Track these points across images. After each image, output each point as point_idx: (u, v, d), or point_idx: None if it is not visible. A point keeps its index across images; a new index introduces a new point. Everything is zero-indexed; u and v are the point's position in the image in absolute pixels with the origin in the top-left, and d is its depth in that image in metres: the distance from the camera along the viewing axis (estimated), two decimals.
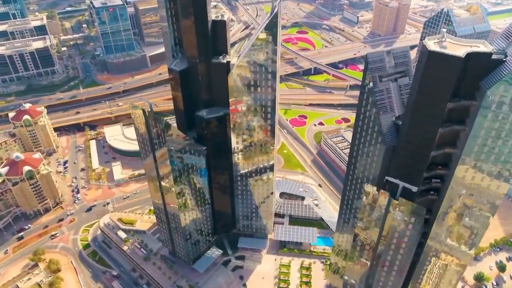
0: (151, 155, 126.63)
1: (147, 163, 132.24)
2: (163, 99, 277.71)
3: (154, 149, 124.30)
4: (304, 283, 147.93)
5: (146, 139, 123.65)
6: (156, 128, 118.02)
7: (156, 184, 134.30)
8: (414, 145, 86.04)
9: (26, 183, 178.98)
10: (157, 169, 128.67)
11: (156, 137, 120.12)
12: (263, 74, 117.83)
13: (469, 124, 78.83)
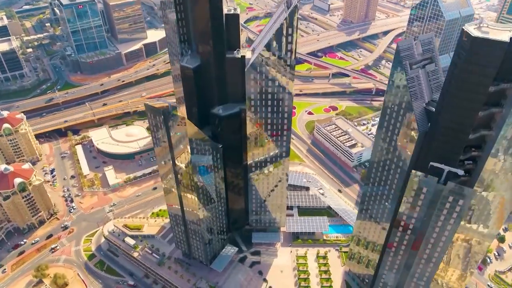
0: (169, 156, 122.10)
1: (164, 164, 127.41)
2: (145, 98, 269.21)
3: (173, 150, 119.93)
4: (323, 272, 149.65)
5: (164, 140, 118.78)
6: (175, 128, 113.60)
7: (173, 186, 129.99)
8: (453, 129, 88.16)
9: (18, 196, 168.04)
10: (175, 170, 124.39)
11: (175, 138, 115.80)
12: (281, 67, 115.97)
13: (506, 106, 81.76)
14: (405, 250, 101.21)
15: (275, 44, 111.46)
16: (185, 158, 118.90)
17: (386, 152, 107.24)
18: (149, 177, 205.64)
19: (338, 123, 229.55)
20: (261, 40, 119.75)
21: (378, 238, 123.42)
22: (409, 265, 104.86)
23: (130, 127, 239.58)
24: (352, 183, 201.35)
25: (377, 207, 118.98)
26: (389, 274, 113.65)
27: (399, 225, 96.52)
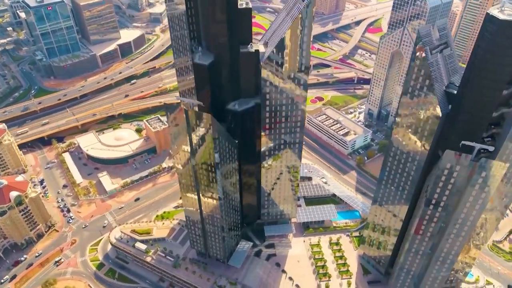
0: (189, 154, 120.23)
1: (182, 163, 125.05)
2: (128, 100, 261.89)
3: (193, 148, 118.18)
4: (338, 258, 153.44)
5: (185, 138, 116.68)
6: (199, 126, 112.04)
7: (192, 184, 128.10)
8: (478, 108, 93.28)
9: (15, 210, 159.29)
10: (195, 168, 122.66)
11: (198, 135, 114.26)
12: (297, 59, 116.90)
13: None
14: (434, 228, 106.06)
15: (289, 40, 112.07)
16: (207, 155, 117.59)
17: (406, 136, 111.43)
18: (147, 180, 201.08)
19: (328, 113, 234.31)
20: (274, 34, 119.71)
21: (396, 221, 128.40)
22: (436, 243, 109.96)
23: (118, 131, 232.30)
24: (349, 170, 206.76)
25: (395, 191, 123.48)
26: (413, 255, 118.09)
27: (429, 204, 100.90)
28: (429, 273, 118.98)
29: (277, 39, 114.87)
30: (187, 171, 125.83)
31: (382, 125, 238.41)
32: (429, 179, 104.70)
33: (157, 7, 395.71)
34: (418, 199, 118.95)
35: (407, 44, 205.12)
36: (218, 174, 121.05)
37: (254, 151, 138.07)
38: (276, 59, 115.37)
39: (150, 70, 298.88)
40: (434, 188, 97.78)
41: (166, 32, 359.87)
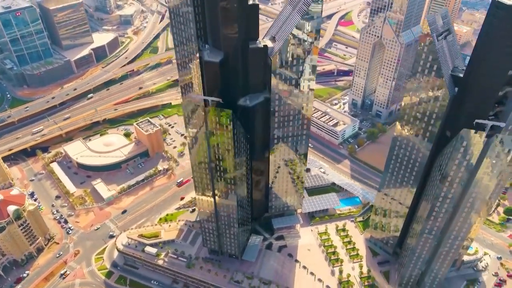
0: (206, 151, 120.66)
1: (198, 160, 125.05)
2: (112, 105, 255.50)
3: (210, 144, 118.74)
4: (346, 243, 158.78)
5: (203, 135, 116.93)
6: (218, 123, 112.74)
7: (207, 182, 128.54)
8: (486, 88, 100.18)
9: (14, 225, 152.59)
10: (212, 165, 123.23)
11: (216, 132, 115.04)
12: (305, 52, 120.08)
13: None
14: (448, 205, 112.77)
15: (298, 34, 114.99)
16: (225, 151, 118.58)
17: (414, 119, 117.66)
18: (144, 184, 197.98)
19: (315, 105, 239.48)
20: (281, 28, 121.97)
21: (404, 203, 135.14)
22: (448, 221, 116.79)
23: (106, 137, 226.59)
24: (342, 159, 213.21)
25: (402, 173, 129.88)
26: (424, 235, 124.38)
27: (445, 181, 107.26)
28: (440, 250, 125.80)
29: (286, 34, 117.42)
30: (203, 168, 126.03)
31: (367, 114, 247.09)
32: (441, 158, 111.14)
33: (127, 9, 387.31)
34: (425, 181, 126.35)
35: (388, 34, 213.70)
36: (236, 169, 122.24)
37: (263, 145, 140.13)
38: (286, 53, 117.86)
39: (129, 73, 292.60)
40: (450, 165, 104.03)
41: (139, 34, 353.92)
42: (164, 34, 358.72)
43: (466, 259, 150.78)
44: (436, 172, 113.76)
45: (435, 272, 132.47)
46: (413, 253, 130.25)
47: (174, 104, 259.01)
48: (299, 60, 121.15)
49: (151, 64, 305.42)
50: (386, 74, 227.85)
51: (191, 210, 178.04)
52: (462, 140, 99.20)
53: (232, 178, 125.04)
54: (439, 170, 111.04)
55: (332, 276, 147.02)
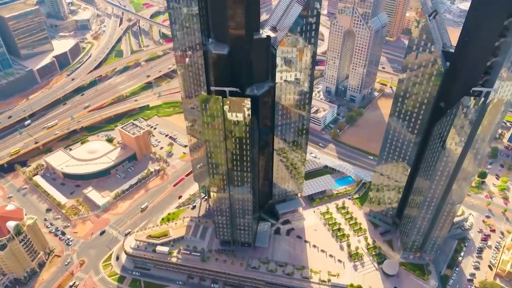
0: (223, 144, 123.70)
1: (213, 152, 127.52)
2: (87, 112, 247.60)
3: (226, 134, 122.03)
4: (349, 219, 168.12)
5: (219, 126, 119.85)
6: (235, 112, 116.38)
7: (223, 172, 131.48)
8: (476, 59, 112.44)
9: (15, 241, 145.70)
10: (229, 156, 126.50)
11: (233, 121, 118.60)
12: (307, 39, 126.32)
13: (509, 36, 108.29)
14: (450, 167, 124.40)
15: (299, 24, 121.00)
16: (241, 140, 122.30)
17: (410, 94, 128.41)
18: (138, 187, 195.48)
19: None
20: (282, 18, 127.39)
21: (402, 174, 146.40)
22: (449, 184, 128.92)
23: (88, 144, 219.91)
24: (327, 144, 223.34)
25: (400, 146, 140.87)
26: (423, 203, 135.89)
27: (444, 146, 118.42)
28: (440, 215, 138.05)
29: (288, 24, 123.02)
30: (218, 160, 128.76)
31: (342, 100, 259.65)
32: (441, 126, 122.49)
33: (82, 14, 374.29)
34: (421, 154, 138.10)
35: (357, 22, 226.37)
36: (251, 157, 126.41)
37: (268, 133, 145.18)
38: (289, 42, 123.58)
39: (97, 79, 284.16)
40: (451, 131, 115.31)
41: (100, 39, 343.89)
42: (126, 37, 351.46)
43: (455, 220, 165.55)
44: (436, 140, 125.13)
45: (436, 235, 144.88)
46: (416, 221, 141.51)
47: (152, 106, 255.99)
48: (302, 48, 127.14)
49: (119, 68, 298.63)
50: (357, 61, 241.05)
51: (192, 207, 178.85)
52: (462, 107, 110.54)
53: (248, 167, 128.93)
54: (440, 137, 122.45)
55: (342, 251, 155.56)
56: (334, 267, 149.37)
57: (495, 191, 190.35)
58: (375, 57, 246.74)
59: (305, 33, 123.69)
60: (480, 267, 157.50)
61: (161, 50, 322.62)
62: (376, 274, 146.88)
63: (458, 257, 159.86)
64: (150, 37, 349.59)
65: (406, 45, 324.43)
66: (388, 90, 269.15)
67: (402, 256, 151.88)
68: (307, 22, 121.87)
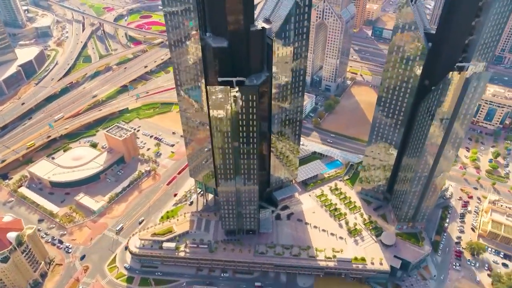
0: (230, 133, 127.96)
1: (221, 142, 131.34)
2: (64, 120, 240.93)
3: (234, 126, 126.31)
4: (343, 199, 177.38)
5: (227, 117, 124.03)
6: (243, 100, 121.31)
7: (231, 163, 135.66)
8: (457, 38, 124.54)
9: (18, 253, 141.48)
10: (236, 145, 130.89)
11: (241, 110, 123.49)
12: (299, 29, 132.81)
13: (483, 16, 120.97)
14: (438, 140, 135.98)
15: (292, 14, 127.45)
16: (249, 127, 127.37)
17: (396, 75, 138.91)
18: (131, 189, 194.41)
19: None
20: (275, 9, 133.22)
21: (391, 152, 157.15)
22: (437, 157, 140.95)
23: (71, 151, 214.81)
24: (310, 132, 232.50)
25: (389, 124, 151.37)
26: (413, 177, 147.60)
27: (433, 118, 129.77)
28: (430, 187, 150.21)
29: (282, 15, 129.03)
30: (225, 149, 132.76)
31: (317, 90, 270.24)
32: (428, 101, 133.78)
33: (41, 21, 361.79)
34: (408, 132, 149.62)
35: (329, 15, 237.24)
36: (257, 144, 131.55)
37: (266, 121, 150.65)
38: (284, 32, 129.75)
39: (69, 86, 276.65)
40: (439, 104, 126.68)
41: (64, 45, 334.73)
42: (91, 42, 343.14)
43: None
44: (425, 115, 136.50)
45: (426, 205, 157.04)
46: (407, 194, 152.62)
47: (131, 109, 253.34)
48: (297, 38, 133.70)
49: (89, 74, 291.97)
50: (330, 52, 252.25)
51: (189, 203, 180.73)
52: (448, 81, 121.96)
53: (254, 155, 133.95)
54: (428, 112, 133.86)
55: (341, 228, 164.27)
56: (336, 244, 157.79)
57: (467, 162, 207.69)
58: (346, 48, 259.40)
59: (298, 23, 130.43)
60: (464, 230, 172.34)
61: (131, 53, 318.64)
62: (376, 246, 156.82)
63: (444, 223, 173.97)
64: (117, 41, 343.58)
65: (368, 36, 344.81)
66: (359, 78, 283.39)
67: (396, 227, 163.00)
68: (300, 12, 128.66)
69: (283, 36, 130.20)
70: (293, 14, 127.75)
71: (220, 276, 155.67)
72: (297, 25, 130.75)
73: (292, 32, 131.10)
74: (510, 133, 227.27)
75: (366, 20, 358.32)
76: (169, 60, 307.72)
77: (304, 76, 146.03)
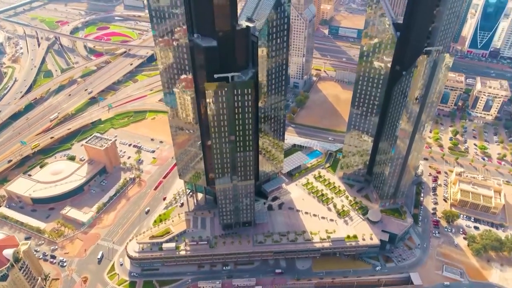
0: (228, 128, 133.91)
1: (219, 137, 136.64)
2: (34, 136, 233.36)
3: (231, 120, 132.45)
4: (328, 185, 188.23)
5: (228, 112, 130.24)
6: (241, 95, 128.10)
7: (227, 157, 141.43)
8: (422, 25, 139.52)
9: (15, 269, 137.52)
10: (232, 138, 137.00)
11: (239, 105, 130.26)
12: (281, 26, 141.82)
13: (441, 6, 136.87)
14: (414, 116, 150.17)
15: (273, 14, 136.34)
16: (245, 121, 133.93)
17: (370, 64, 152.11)
18: (118, 198, 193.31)
19: None
20: (257, 8, 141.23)
21: (369, 137, 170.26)
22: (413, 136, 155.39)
23: (49, 166, 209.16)
24: (286, 127, 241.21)
25: (366, 110, 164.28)
26: (392, 157, 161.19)
27: (405, 97, 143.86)
28: (407, 165, 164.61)
29: (265, 13, 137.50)
30: (223, 143, 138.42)
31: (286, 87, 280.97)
32: (402, 84, 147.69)
33: None
34: (383, 120, 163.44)
35: (293, 14, 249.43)
36: (253, 137, 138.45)
37: (256, 118, 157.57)
38: (268, 29, 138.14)
39: (33, 102, 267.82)
40: (412, 85, 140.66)
41: (20, 62, 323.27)
42: (49, 56, 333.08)
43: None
44: (399, 97, 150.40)
45: (404, 183, 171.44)
46: (387, 174, 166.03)
47: (105, 120, 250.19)
48: (279, 34, 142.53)
49: (53, 88, 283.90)
50: (296, 51, 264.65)
51: (180, 205, 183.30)
52: (420, 64, 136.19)
53: (251, 147, 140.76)
54: (402, 93, 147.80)
55: (330, 211, 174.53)
56: (329, 226, 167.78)
57: (431, 142, 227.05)
58: (310, 46, 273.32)
59: (280, 20, 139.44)
60: (437, 201, 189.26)
61: (94, 65, 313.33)
62: (364, 224, 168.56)
63: (419, 198, 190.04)
64: (77, 54, 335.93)
65: (326, 35, 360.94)
66: (323, 74, 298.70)
67: (380, 205, 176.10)
68: (281, 10, 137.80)
69: (267, 33, 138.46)
70: (275, 12, 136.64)
71: (222, 270, 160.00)
72: (279, 22, 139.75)
73: (275, 29, 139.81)
74: (463, 113, 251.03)
75: (321, 20, 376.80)
76: (135, 69, 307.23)
77: (286, 70, 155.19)
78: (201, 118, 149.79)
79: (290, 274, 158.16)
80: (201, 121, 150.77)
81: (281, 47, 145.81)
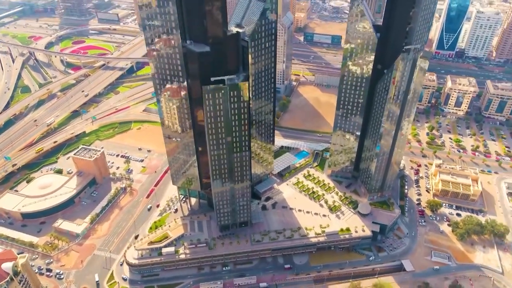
0: (224, 129, 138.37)
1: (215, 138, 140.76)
2: (17, 151, 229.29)
3: (228, 121, 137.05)
4: (318, 183, 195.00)
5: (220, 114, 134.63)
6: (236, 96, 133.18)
7: (224, 158, 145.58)
8: (401, 25, 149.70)
9: (15, 283, 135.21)
10: (229, 139, 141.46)
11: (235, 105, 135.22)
12: (269, 30, 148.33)
13: (416, 7, 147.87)
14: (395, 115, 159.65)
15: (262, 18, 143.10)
16: (241, 122, 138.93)
17: (353, 65, 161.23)
18: (111, 208, 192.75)
19: None
20: (246, 15, 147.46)
21: (355, 133, 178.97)
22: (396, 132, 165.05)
23: (36, 181, 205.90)
24: None
25: (351, 109, 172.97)
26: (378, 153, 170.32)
27: (397, 94, 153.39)
28: (392, 160, 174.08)
29: (253, 19, 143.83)
30: (220, 144, 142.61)
31: None
32: (384, 82, 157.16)
33: None
34: (367, 116, 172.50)
35: None
36: (249, 138, 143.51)
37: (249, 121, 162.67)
38: (257, 34, 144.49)
39: (13, 118, 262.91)
40: (394, 81, 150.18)
41: None
42: (25, 72, 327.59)
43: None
44: (382, 93, 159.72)
45: (390, 176, 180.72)
46: (374, 169, 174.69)
47: (89, 132, 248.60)
48: (267, 38, 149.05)
49: (32, 103, 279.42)
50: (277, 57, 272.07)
51: (174, 211, 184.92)
52: (400, 61, 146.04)
53: (247, 147, 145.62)
54: (385, 90, 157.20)
55: (322, 207, 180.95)
56: (322, 221, 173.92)
57: (410, 137, 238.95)
58: (289, 53, 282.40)
59: (267, 25, 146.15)
60: (421, 192, 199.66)
61: (73, 79, 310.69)
62: (356, 217, 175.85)
63: (404, 190, 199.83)
64: (53, 68, 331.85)
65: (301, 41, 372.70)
66: (302, 79, 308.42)
67: (368, 198, 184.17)
68: (268, 16, 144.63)
69: (256, 37, 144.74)
70: (263, 17, 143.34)
71: (222, 271, 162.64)
72: (267, 27, 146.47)
73: (263, 33, 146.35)
74: (437, 109, 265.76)
75: (296, 27, 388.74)
76: (116, 81, 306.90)
77: (275, 74, 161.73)
78: (195, 123, 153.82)
79: (293, 270, 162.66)
80: (194, 126, 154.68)
81: (270, 51, 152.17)
